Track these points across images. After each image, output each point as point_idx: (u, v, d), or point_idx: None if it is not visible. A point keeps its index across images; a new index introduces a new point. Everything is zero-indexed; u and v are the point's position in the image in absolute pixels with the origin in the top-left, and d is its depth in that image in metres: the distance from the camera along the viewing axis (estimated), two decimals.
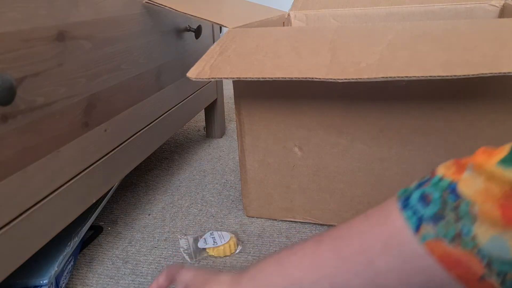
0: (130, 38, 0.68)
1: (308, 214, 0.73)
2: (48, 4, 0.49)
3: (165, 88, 0.82)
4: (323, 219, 0.72)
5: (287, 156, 0.70)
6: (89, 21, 0.57)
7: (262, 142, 0.71)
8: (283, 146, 0.70)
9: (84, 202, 0.58)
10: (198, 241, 0.68)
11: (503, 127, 0.60)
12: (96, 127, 0.60)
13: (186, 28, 0.90)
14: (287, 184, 0.72)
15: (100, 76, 0.60)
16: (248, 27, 0.71)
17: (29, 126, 0.47)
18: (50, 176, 0.51)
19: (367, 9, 0.93)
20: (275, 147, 0.70)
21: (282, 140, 0.69)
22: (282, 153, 0.70)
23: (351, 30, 0.63)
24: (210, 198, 0.83)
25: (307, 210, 0.73)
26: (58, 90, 0.51)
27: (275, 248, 0.66)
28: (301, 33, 0.64)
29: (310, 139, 0.68)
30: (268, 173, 0.72)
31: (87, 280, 0.61)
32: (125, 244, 0.69)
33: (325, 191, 0.70)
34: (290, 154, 0.70)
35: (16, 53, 0.44)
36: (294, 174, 0.71)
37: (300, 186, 0.71)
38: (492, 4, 0.88)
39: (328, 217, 0.72)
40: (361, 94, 0.63)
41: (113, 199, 0.84)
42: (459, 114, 0.61)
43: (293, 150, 0.69)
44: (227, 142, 1.14)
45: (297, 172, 0.71)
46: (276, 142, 0.70)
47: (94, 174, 0.60)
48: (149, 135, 0.76)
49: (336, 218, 0.71)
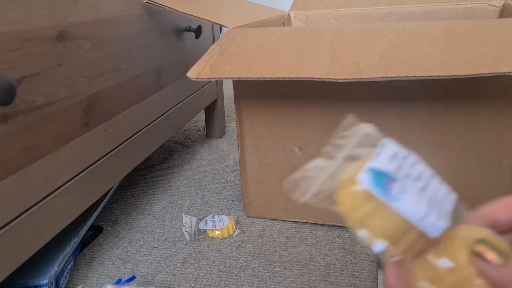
0: (130, 38, 0.68)
1: (308, 214, 0.73)
2: (48, 4, 0.49)
3: (165, 88, 0.82)
4: (323, 219, 0.72)
5: (287, 156, 0.70)
6: (89, 21, 0.57)
7: (262, 142, 0.71)
8: (283, 146, 0.70)
9: (84, 202, 0.58)
10: (199, 222, 0.72)
11: (503, 127, 0.60)
12: (96, 127, 0.60)
13: (186, 28, 0.90)
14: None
15: (100, 76, 0.60)
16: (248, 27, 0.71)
17: (29, 126, 0.47)
18: (50, 176, 0.51)
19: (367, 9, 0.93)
20: (275, 147, 0.70)
21: (282, 140, 0.69)
22: (282, 153, 0.70)
23: (350, 30, 0.63)
24: (210, 198, 0.83)
25: (307, 210, 0.73)
26: (58, 90, 0.51)
27: (275, 248, 0.66)
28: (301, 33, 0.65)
29: (310, 139, 0.68)
30: (268, 173, 0.72)
31: (87, 280, 0.61)
32: (125, 244, 0.69)
33: None
34: (290, 154, 0.70)
35: (16, 53, 0.45)
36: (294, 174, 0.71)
37: None
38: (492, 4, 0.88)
39: (328, 218, 0.72)
40: (361, 94, 0.63)
41: (113, 199, 0.84)
42: (459, 114, 0.61)
43: (293, 150, 0.69)
44: (227, 142, 1.14)
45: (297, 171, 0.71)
46: (276, 142, 0.70)
47: (94, 174, 0.60)
48: (149, 135, 0.76)
49: (336, 218, 0.71)
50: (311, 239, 0.68)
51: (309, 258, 0.64)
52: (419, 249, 0.24)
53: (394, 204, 0.23)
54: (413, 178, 0.24)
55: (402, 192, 0.23)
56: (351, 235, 0.68)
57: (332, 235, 0.69)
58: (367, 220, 0.24)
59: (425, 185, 0.25)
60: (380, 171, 0.24)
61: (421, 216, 0.23)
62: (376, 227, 0.24)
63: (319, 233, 0.69)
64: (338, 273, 0.60)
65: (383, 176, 0.24)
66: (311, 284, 0.58)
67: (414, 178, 0.25)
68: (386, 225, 0.24)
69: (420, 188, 0.24)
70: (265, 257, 0.64)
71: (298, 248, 0.66)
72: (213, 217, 0.73)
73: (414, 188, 0.24)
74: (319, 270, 0.61)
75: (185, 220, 0.73)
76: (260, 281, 0.59)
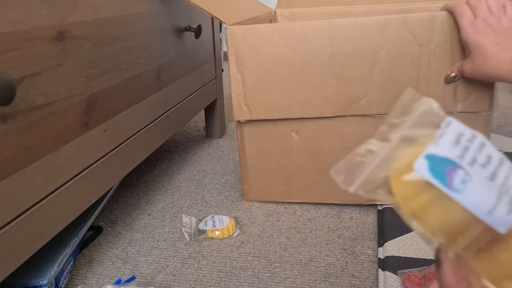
0: (130, 38, 0.68)
1: (306, 194, 0.77)
2: (48, 4, 0.49)
3: (165, 88, 0.82)
4: (319, 198, 0.77)
5: (285, 141, 0.75)
6: (89, 21, 0.57)
7: (260, 130, 0.75)
8: (281, 132, 0.74)
9: (84, 202, 0.58)
10: (199, 222, 0.72)
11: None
12: (96, 127, 0.60)
13: (186, 28, 0.90)
14: (285, 168, 0.76)
15: (100, 76, 0.60)
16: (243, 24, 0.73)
17: (29, 126, 0.47)
18: (50, 176, 0.50)
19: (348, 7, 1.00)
20: (273, 134, 0.75)
21: (279, 126, 0.74)
22: (280, 138, 0.75)
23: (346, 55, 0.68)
24: (210, 198, 0.83)
25: (304, 191, 0.77)
26: (58, 90, 0.51)
27: (275, 248, 0.66)
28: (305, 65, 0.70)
29: (306, 123, 0.73)
30: (267, 159, 0.77)
31: (87, 280, 0.61)
32: (125, 244, 0.69)
33: (321, 171, 0.75)
34: (287, 139, 0.74)
35: (16, 53, 0.44)
36: (292, 158, 0.75)
37: (298, 168, 0.76)
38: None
39: (324, 196, 0.77)
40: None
41: (113, 199, 0.84)
42: None
43: (290, 135, 0.74)
44: (227, 142, 1.14)
45: (295, 155, 0.75)
46: (274, 129, 0.74)
47: (94, 174, 0.60)
48: (149, 135, 0.76)
49: (332, 196, 0.76)
50: (311, 239, 0.68)
51: (309, 259, 0.64)
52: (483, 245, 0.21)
53: (456, 196, 0.20)
54: (480, 164, 0.21)
55: (466, 181, 0.20)
56: (352, 235, 0.68)
57: (332, 236, 0.69)
58: (423, 212, 0.21)
59: (493, 172, 0.21)
60: (441, 157, 0.21)
61: (489, 209, 0.20)
62: (433, 221, 0.21)
63: (319, 234, 0.69)
64: (338, 273, 0.60)
65: (444, 163, 0.21)
66: (311, 285, 0.58)
67: (481, 164, 0.21)
68: (445, 219, 0.21)
69: (488, 176, 0.21)
70: (265, 258, 0.64)
71: (298, 249, 0.66)
72: (213, 217, 0.72)
73: (481, 177, 0.21)
74: (319, 270, 0.61)
75: (185, 220, 0.73)
76: (260, 282, 0.59)
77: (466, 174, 0.21)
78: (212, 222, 0.71)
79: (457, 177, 0.20)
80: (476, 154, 0.21)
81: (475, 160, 0.21)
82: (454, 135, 0.22)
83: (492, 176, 0.21)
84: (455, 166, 0.21)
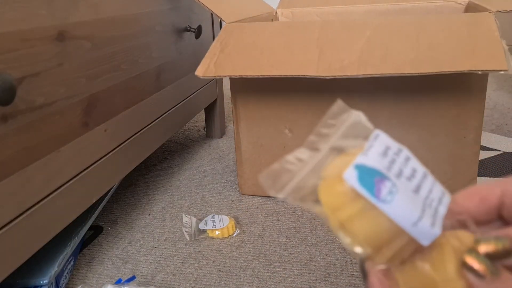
0: (130, 38, 0.68)
1: None
2: (48, 4, 0.49)
3: (165, 88, 0.82)
4: None
5: (278, 138, 0.77)
6: (89, 21, 0.57)
7: (255, 126, 0.77)
8: (275, 129, 0.76)
9: (84, 202, 0.58)
10: (199, 222, 0.72)
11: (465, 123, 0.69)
12: (96, 127, 0.60)
13: (186, 28, 0.90)
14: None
15: (100, 76, 0.60)
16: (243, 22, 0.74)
17: (29, 126, 0.47)
18: (50, 176, 0.51)
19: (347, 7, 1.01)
20: (267, 130, 0.77)
21: (274, 123, 0.76)
22: (274, 135, 0.77)
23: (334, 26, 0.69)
24: (210, 198, 0.83)
25: None
26: (58, 90, 0.51)
27: (275, 248, 0.66)
28: (291, 29, 0.71)
29: (299, 121, 0.75)
30: (261, 154, 0.78)
31: (87, 280, 0.61)
32: (125, 244, 0.69)
33: None
34: (281, 136, 0.76)
35: (16, 53, 0.45)
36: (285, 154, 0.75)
37: None
38: (458, 2, 0.97)
39: None
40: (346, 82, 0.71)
41: (113, 199, 0.84)
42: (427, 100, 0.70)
43: (284, 132, 0.76)
44: (227, 142, 1.14)
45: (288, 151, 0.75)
46: (268, 125, 0.77)
47: (94, 174, 0.60)
48: (149, 135, 0.76)
49: None
50: (311, 239, 0.68)
51: (309, 258, 0.64)
52: (406, 257, 0.21)
53: (383, 207, 0.20)
54: (405, 176, 0.21)
55: (393, 193, 0.21)
56: None
57: (332, 235, 0.69)
58: (350, 223, 0.21)
59: (418, 185, 0.22)
60: (370, 168, 0.21)
61: (414, 221, 0.20)
62: (360, 231, 0.21)
63: (319, 233, 0.70)
64: (338, 273, 0.60)
65: (373, 174, 0.21)
66: (311, 284, 0.58)
67: (407, 176, 0.21)
68: (372, 230, 0.21)
69: (413, 188, 0.21)
70: (265, 257, 0.64)
71: (298, 248, 0.66)
72: (213, 217, 0.73)
73: (406, 189, 0.21)
74: (319, 270, 0.61)
75: (185, 220, 0.73)
76: (260, 281, 0.59)
77: (393, 185, 0.21)
78: (212, 221, 0.71)
79: (384, 188, 0.21)
80: (402, 167, 0.22)
81: (401, 172, 0.21)
82: (381, 147, 0.22)
83: (416, 189, 0.21)
84: (382, 178, 0.21)
